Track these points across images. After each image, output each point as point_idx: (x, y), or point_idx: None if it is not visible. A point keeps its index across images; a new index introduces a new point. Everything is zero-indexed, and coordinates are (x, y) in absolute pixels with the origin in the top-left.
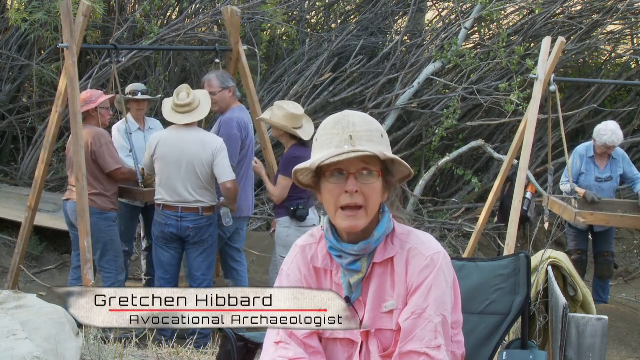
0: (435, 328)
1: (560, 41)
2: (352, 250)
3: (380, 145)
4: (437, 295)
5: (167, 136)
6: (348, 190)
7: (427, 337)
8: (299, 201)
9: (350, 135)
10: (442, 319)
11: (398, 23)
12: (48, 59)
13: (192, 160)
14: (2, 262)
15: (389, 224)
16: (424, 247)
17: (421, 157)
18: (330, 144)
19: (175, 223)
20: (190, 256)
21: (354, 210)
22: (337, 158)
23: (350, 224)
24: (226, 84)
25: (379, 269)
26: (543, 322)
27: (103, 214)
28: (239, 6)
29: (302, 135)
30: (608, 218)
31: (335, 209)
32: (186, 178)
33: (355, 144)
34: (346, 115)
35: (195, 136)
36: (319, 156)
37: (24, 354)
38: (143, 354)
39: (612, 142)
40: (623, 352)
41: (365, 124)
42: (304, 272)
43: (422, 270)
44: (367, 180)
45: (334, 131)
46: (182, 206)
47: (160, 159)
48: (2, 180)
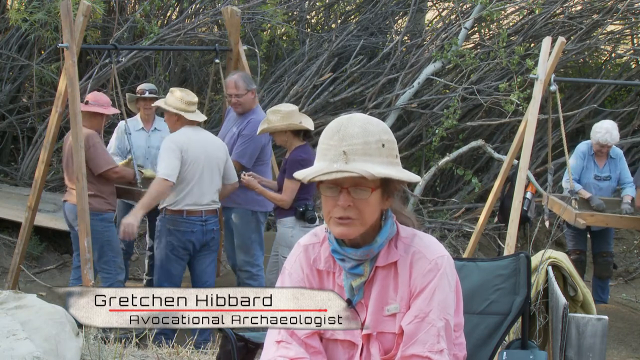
0: (438, 332)
1: (560, 41)
2: (355, 255)
3: (379, 158)
4: (440, 299)
5: (190, 138)
6: (340, 205)
7: (429, 341)
8: (307, 202)
9: (344, 150)
10: (444, 322)
11: (398, 23)
12: (48, 59)
13: (215, 161)
14: (2, 262)
15: (392, 229)
16: (427, 250)
17: (421, 157)
18: (326, 156)
19: (201, 228)
20: (202, 263)
21: (347, 219)
22: (326, 177)
23: (342, 231)
24: (251, 86)
25: (382, 272)
26: (543, 322)
27: (99, 215)
28: (239, 6)
29: (307, 125)
30: (607, 219)
31: (329, 218)
32: (211, 180)
33: (349, 160)
34: (348, 125)
35: (209, 136)
36: (313, 168)
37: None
38: (143, 354)
39: (605, 140)
40: (623, 352)
41: (363, 134)
42: (306, 271)
43: (425, 274)
44: (360, 195)
45: (331, 142)
46: (205, 209)
47: (192, 161)
48: (2, 180)
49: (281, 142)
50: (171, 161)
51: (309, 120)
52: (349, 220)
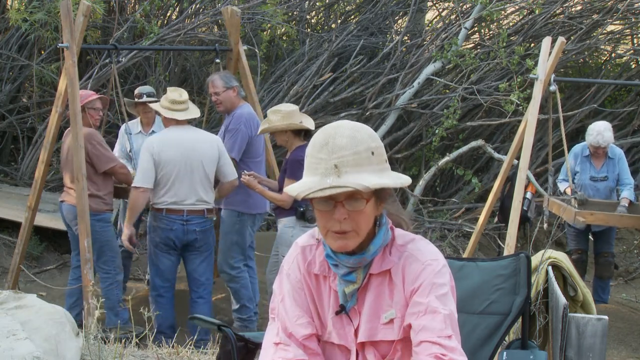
0: (444, 319)
1: (560, 41)
2: (347, 262)
3: (370, 166)
4: (439, 293)
5: (168, 137)
6: (336, 219)
7: (437, 327)
8: (307, 202)
9: (335, 164)
10: (449, 312)
11: (398, 23)
12: (48, 59)
13: (202, 160)
14: (2, 262)
15: (386, 235)
16: (420, 253)
17: (421, 157)
18: (317, 171)
19: (181, 227)
20: (193, 262)
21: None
22: (321, 193)
23: (341, 245)
24: (230, 83)
25: (376, 280)
26: (543, 322)
27: (97, 215)
28: (239, 6)
29: (308, 125)
30: (607, 218)
31: (325, 231)
32: (196, 179)
33: (341, 173)
34: (334, 136)
35: (198, 135)
36: (303, 183)
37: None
38: (143, 354)
39: (597, 142)
40: (623, 352)
41: (352, 145)
42: (303, 273)
43: (419, 275)
44: (355, 207)
45: (320, 155)
46: (188, 209)
47: (167, 162)
48: (2, 180)
49: (282, 142)
50: (142, 167)
51: (310, 120)
52: (347, 233)
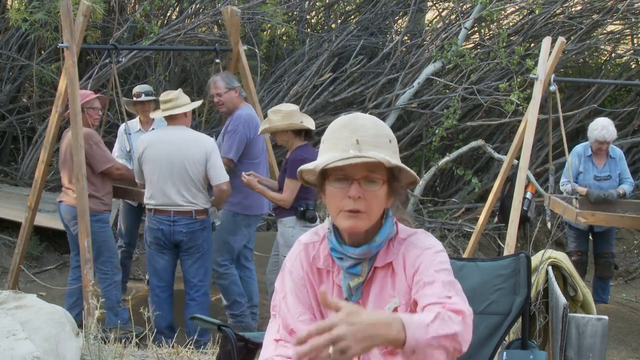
0: (443, 285)
1: (560, 41)
2: (353, 253)
3: (388, 151)
4: (439, 268)
5: (155, 137)
6: (351, 196)
7: (437, 292)
8: (307, 201)
9: (357, 139)
10: (449, 280)
11: (398, 23)
12: (48, 59)
13: (184, 161)
14: (2, 262)
15: (391, 229)
16: (419, 241)
17: (421, 157)
18: (337, 147)
19: (168, 228)
20: (185, 263)
21: (357, 212)
22: (342, 162)
23: (352, 224)
24: (231, 84)
25: (380, 273)
26: (543, 322)
27: (94, 215)
28: (239, 6)
29: (309, 125)
30: (608, 218)
31: (338, 211)
32: (179, 180)
33: (362, 149)
34: (356, 118)
35: (186, 135)
36: (324, 158)
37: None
38: (143, 354)
39: (602, 137)
40: (623, 352)
41: (374, 128)
42: (306, 269)
43: (418, 258)
44: (370, 187)
45: (342, 134)
46: (175, 210)
47: (149, 160)
48: (2, 180)
49: (282, 142)
50: (134, 165)
51: (310, 120)
52: (359, 213)
